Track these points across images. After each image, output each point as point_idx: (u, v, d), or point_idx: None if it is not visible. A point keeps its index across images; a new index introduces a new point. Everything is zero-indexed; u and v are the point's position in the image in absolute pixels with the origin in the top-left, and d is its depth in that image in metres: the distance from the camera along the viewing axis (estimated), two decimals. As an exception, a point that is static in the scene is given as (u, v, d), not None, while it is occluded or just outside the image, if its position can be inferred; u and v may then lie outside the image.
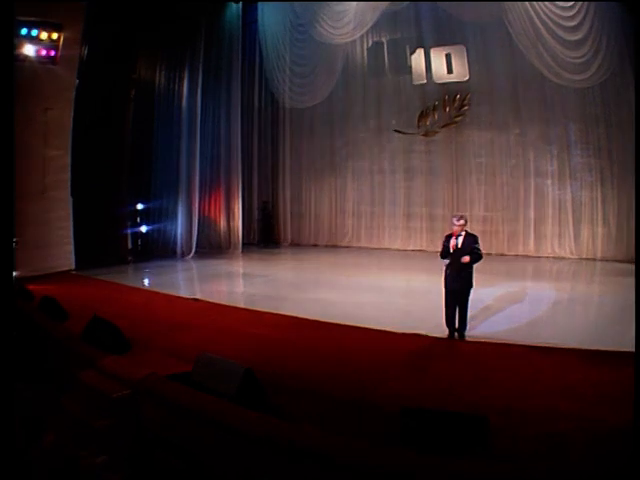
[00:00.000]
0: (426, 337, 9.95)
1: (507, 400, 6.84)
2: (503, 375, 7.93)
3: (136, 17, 18.86)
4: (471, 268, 9.90)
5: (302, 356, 9.18)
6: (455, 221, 10.00)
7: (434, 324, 10.23)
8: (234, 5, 21.51)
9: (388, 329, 10.31)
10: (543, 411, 6.46)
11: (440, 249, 10.29)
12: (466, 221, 10.08)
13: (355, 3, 18.93)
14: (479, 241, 10.03)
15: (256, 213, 24.81)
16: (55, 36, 16.32)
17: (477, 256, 9.87)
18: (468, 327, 10.17)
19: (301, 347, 9.72)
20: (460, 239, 9.87)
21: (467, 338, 10.01)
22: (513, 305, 12.68)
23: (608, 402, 6.57)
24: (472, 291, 9.99)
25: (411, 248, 21.77)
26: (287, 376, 7.83)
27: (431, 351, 9.50)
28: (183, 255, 20.85)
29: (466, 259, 9.67)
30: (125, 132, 20.28)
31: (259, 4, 21.96)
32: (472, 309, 10.32)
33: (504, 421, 5.95)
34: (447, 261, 10.04)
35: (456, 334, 10.07)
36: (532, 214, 19.44)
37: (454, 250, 9.86)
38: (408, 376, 8.21)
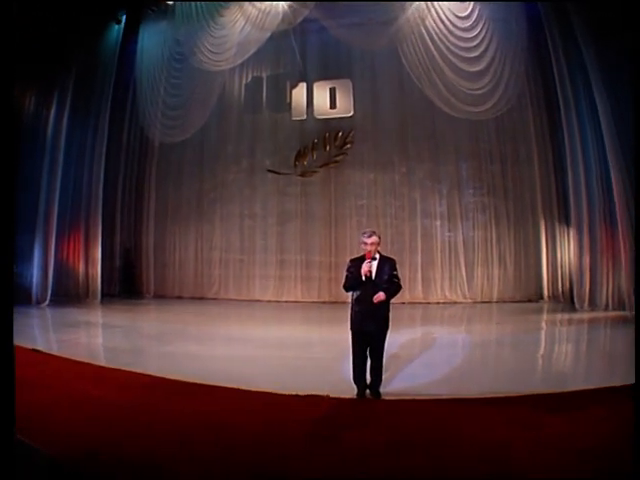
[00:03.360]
0: (328, 398, 6.68)
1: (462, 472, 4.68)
2: (441, 441, 5.39)
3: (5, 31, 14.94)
4: (388, 303, 6.71)
5: (157, 429, 5.82)
6: (365, 238, 6.63)
7: (329, 381, 7.37)
8: (115, 27, 18.09)
9: (272, 389, 7.03)
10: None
11: (344, 278, 6.84)
12: (380, 238, 6.74)
13: (239, 28, 16.43)
14: (397, 266, 6.81)
15: (117, 261, 20.49)
16: None
17: (397, 286, 6.75)
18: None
19: (156, 416, 6.29)
20: (375, 264, 6.65)
21: (383, 396, 6.82)
22: (425, 353, 9.97)
23: (575, 454, 4.87)
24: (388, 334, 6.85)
25: (284, 299, 18.30)
26: (135, 458, 5.00)
27: (340, 416, 6.29)
28: (38, 302, 16.82)
29: (381, 297, 6.48)
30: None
31: (141, 30, 18.79)
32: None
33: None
34: (356, 294, 6.75)
35: (368, 391, 6.86)
36: (419, 258, 17.07)
37: (367, 278, 6.58)
38: (315, 451, 5.18)
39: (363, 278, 6.58)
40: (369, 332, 6.68)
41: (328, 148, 17.89)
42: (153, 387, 7.49)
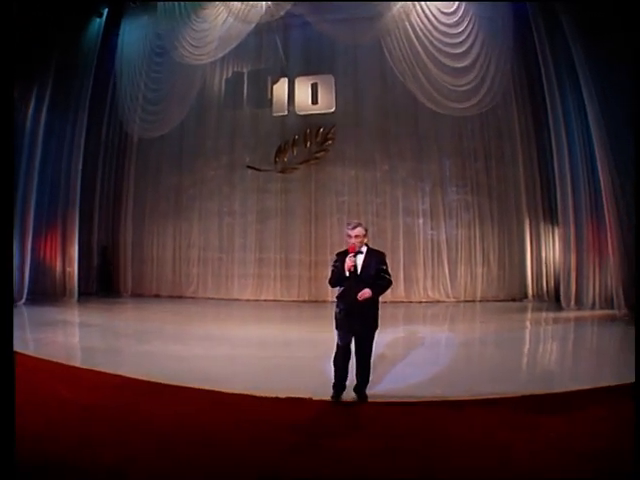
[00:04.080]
0: (311, 401, 6.18)
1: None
2: (435, 445, 4.92)
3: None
4: (377, 300, 6.20)
5: (128, 431, 5.32)
6: (350, 230, 6.21)
7: (311, 382, 6.75)
8: (97, 20, 17.53)
9: (251, 391, 6.51)
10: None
11: (330, 273, 6.40)
12: (366, 230, 6.23)
13: (221, 21, 16.03)
14: (386, 260, 6.37)
15: (95, 259, 19.72)
16: None
17: (386, 282, 6.24)
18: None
19: (128, 418, 5.76)
20: (360, 258, 6.15)
21: (369, 398, 6.26)
22: (411, 353, 9.39)
23: (575, 454, 4.58)
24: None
25: (263, 298, 17.70)
26: (103, 463, 4.49)
27: (323, 420, 5.75)
28: (14, 301, 15.65)
29: (366, 294, 5.95)
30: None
31: (122, 24, 18.32)
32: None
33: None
34: (339, 291, 6.25)
35: (354, 394, 6.28)
36: (401, 256, 16.57)
37: (352, 274, 6.08)
38: (298, 457, 4.71)
39: (347, 273, 6.07)
40: (355, 332, 6.16)
41: (309, 144, 17.37)
42: (126, 388, 6.96)
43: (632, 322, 10.93)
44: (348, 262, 6.05)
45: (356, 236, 6.15)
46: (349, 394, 6.29)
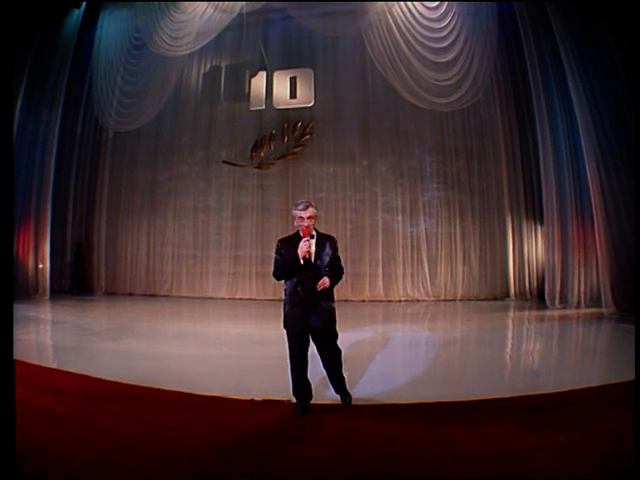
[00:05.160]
0: (289, 403, 5.51)
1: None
2: (436, 457, 4.27)
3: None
4: (332, 291, 5.35)
5: (85, 438, 4.62)
6: (300, 212, 5.17)
7: (288, 384, 5.63)
8: (76, 11, 17.06)
9: (224, 393, 5.91)
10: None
11: (274, 263, 5.40)
12: (317, 210, 5.31)
13: (200, 12, 15.73)
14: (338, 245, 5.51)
15: (68, 256, 18.96)
16: None
17: (339, 270, 5.44)
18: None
19: (93, 424, 5.02)
20: (313, 243, 5.23)
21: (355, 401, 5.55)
22: (399, 353, 8.97)
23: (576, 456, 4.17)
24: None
25: (239, 296, 17.07)
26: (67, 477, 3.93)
27: (303, 424, 5.02)
28: None
29: (327, 282, 5.13)
30: None
31: (101, 18, 17.81)
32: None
33: None
34: (290, 283, 5.33)
35: (339, 395, 5.58)
36: (380, 253, 16.09)
37: (306, 261, 5.17)
38: (278, 463, 4.18)
39: (301, 261, 5.18)
40: (314, 330, 5.29)
41: (286, 139, 16.78)
42: (94, 389, 6.30)
43: (621, 320, 10.72)
44: (303, 247, 5.11)
45: (309, 217, 5.17)
46: (332, 396, 5.65)
